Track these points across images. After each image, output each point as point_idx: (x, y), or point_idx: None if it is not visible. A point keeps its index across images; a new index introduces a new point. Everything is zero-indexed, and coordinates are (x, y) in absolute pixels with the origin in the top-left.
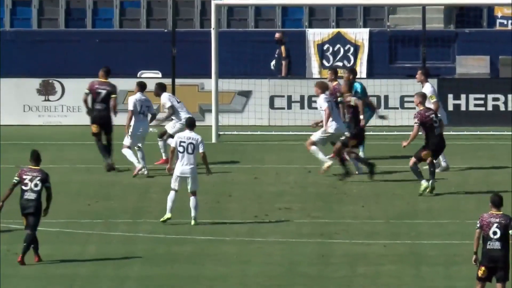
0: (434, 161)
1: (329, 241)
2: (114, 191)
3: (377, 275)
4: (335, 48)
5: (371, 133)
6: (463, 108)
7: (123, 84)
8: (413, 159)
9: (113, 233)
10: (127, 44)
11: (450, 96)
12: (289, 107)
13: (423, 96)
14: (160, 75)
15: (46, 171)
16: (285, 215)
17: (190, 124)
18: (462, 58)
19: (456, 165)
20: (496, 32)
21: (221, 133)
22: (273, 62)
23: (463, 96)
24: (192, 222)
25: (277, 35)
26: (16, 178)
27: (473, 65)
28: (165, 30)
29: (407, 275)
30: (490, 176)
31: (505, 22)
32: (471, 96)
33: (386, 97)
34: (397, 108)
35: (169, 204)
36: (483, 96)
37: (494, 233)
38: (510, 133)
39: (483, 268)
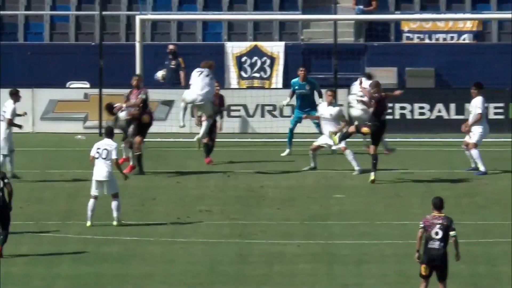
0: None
1: (247, 242)
2: (45, 194)
3: (293, 274)
4: (253, 60)
5: (297, 140)
6: None
7: (54, 94)
8: (352, 128)
9: (44, 234)
10: (57, 57)
11: None
12: None
13: (377, 85)
14: (88, 85)
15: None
16: (206, 217)
17: (107, 132)
18: (371, 69)
19: (364, 168)
20: (403, 45)
21: (146, 140)
22: (162, 73)
23: None
24: (114, 223)
25: (171, 47)
26: None
27: (382, 76)
28: (93, 43)
29: (321, 273)
30: (397, 180)
31: (411, 35)
32: None
33: None
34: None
35: (88, 213)
36: (390, 105)
37: (436, 233)
38: (419, 140)
39: (424, 266)
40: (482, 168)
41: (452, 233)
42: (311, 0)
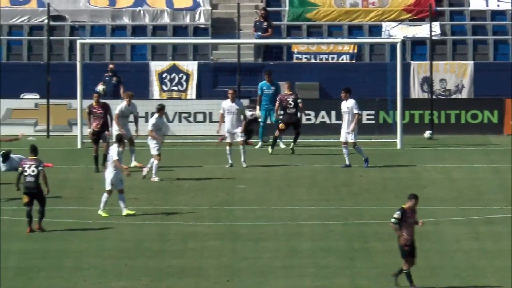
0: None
1: (166, 223)
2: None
3: (203, 249)
4: (172, 76)
5: (199, 141)
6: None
7: (10, 104)
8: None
9: (2, 217)
10: (12, 73)
11: None
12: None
13: (290, 84)
14: (38, 96)
15: (40, 159)
16: (134, 203)
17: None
18: None
19: (261, 164)
20: (293, 64)
21: (84, 141)
22: (103, 87)
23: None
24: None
25: (111, 66)
26: (20, 168)
27: None
28: (42, 63)
29: (226, 248)
30: (288, 173)
31: (300, 56)
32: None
33: (211, 113)
34: (218, 122)
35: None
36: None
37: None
38: (306, 140)
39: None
40: (364, 158)
41: None
42: (219, 27)
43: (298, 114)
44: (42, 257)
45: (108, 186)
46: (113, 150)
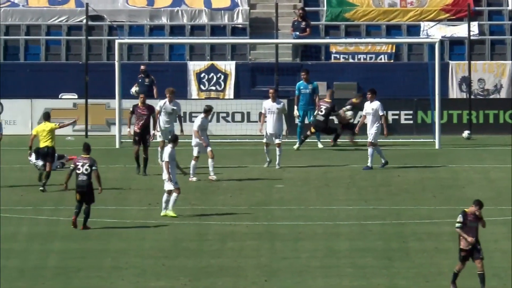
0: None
1: (205, 223)
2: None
3: (242, 249)
4: (210, 76)
5: (237, 140)
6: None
7: (48, 103)
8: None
9: (40, 217)
10: (51, 73)
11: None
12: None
13: (332, 91)
14: (76, 96)
15: (94, 158)
16: None
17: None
18: None
19: (301, 164)
20: (331, 63)
21: (122, 141)
22: (136, 89)
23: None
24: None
25: (142, 67)
26: (72, 165)
27: None
28: (80, 62)
29: (264, 248)
30: (326, 173)
31: (338, 56)
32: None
33: (249, 113)
34: (256, 122)
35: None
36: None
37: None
38: (345, 140)
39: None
40: (369, 164)
41: None
42: (257, 27)
43: (328, 122)
44: (81, 257)
45: (168, 187)
46: (166, 151)
